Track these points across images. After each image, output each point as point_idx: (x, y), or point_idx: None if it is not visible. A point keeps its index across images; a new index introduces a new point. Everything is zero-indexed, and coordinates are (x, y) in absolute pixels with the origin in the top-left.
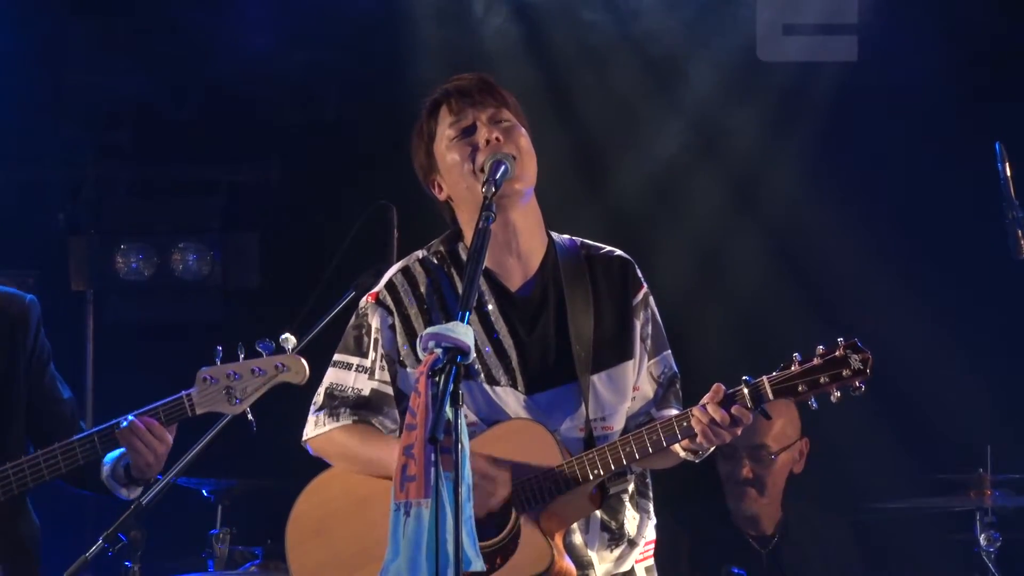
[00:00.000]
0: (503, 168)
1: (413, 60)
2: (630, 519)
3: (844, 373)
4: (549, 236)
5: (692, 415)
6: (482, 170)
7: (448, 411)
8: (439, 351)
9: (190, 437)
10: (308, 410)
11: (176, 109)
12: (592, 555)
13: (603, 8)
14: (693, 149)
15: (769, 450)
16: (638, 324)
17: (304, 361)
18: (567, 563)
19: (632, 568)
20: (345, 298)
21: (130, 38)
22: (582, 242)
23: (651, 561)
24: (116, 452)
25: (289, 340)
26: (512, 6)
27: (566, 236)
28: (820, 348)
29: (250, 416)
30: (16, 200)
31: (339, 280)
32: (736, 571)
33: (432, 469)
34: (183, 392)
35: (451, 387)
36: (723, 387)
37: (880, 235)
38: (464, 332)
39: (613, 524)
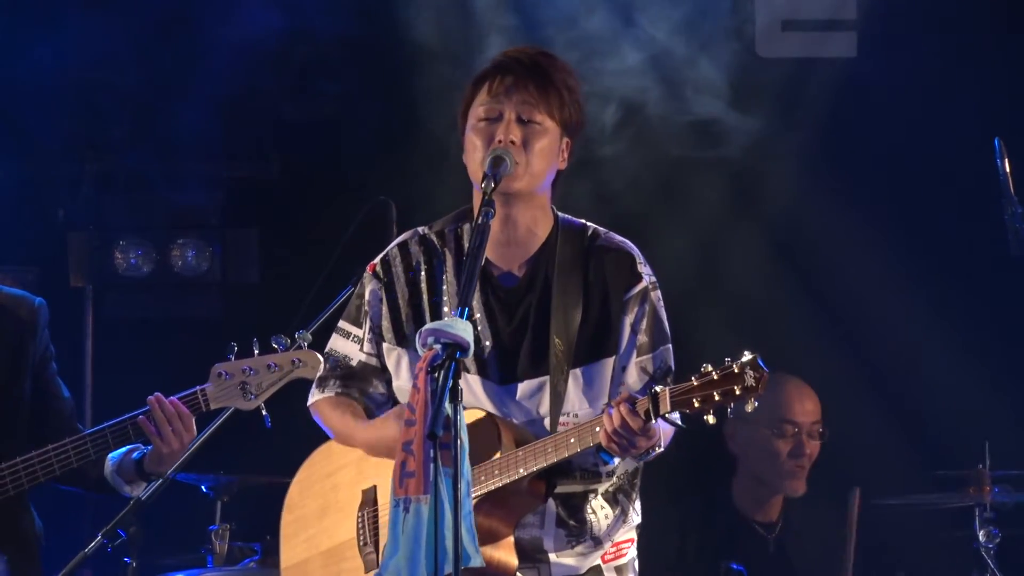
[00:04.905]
0: (503, 166)
1: (413, 57)
2: (601, 517)
3: (736, 390)
4: (557, 222)
5: (600, 421)
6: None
7: (447, 407)
8: (438, 347)
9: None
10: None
11: (175, 105)
12: (548, 551)
13: (601, 5)
14: (692, 146)
15: (821, 425)
16: (627, 320)
17: (320, 356)
18: (500, 557)
19: (598, 566)
20: (344, 294)
21: (130, 33)
22: (593, 231)
23: (624, 560)
24: (123, 448)
25: (305, 337)
26: (511, 4)
27: (580, 221)
28: (727, 360)
29: (264, 411)
30: (16, 196)
31: (338, 276)
32: (735, 567)
33: (431, 465)
34: (197, 387)
35: (450, 383)
36: (634, 395)
37: (879, 230)
38: (463, 328)
39: (572, 521)
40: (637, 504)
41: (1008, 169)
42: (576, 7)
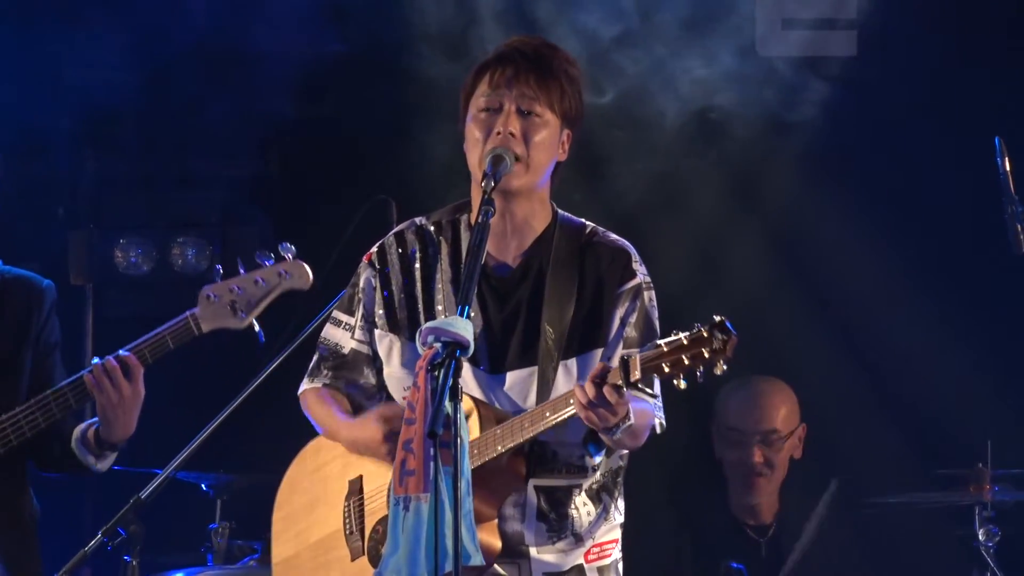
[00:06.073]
0: (503, 164)
1: (413, 54)
2: (583, 514)
3: (705, 353)
4: (555, 218)
5: (573, 393)
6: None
7: (447, 405)
8: (438, 345)
9: (188, 432)
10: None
11: (175, 103)
12: (528, 545)
13: (601, 3)
14: (691, 144)
15: (780, 434)
16: (617, 314)
17: (306, 265)
18: (483, 539)
19: (580, 565)
20: (344, 292)
21: (129, 32)
22: (591, 228)
23: (607, 561)
24: (89, 420)
25: (290, 248)
26: (511, 2)
27: (580, 220)
28: (696, 325)
29: (256, 327)
30: (16, 194)
31: (338, 275)
32: (735, 566)
33: (431, 464)
34: (187, 312)
35: (450, 381)
36: (607, 366)
37: (879, 230)
38: (464, 326)
39: (553, 515)
40: (620, 503)
41: (1008, 168)
42: (575, 5)
